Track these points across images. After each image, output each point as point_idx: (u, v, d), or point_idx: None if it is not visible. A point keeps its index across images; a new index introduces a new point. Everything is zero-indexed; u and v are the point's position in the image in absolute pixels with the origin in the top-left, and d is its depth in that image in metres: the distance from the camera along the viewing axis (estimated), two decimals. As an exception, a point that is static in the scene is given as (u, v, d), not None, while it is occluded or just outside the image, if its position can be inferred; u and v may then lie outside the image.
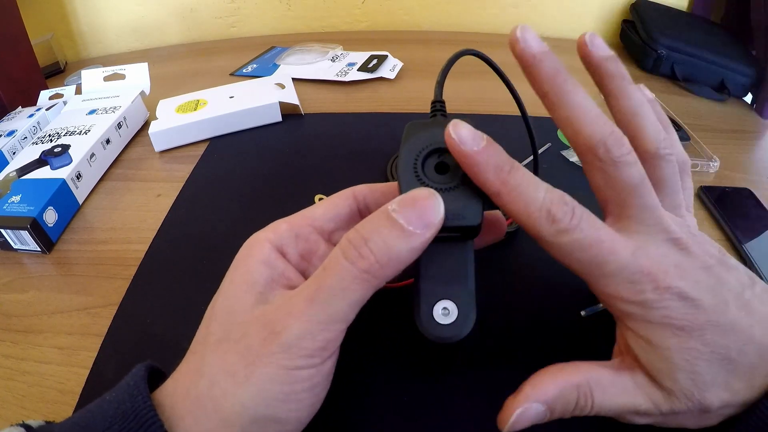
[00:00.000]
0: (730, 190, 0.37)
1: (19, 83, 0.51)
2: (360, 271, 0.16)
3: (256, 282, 0.18)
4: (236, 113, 0.46)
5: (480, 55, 0.24)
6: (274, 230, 0.20)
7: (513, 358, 0.25)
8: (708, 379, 0.17)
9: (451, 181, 0.18)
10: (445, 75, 0.23)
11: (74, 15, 0.71)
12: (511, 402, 0.18)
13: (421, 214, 0.16)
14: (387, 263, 0.16)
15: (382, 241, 0.16)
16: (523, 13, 0.72)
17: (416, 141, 0.19)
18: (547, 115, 0.20)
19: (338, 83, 0.56)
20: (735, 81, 0.54)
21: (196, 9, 0.73)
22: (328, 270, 0.17)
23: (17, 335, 0.28)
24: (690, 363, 0.17)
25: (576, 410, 0.18)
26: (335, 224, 0.21)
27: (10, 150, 0.41)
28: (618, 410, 0.18)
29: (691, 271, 0.18)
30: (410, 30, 0.74)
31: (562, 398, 0.18)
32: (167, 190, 0.39)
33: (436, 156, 0.19)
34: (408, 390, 0.24)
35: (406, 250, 0.16)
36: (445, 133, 0.18)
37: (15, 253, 0.34)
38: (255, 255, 0.19)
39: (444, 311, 0.18)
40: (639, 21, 0.61)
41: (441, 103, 0.22)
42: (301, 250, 0.20)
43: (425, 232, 0.16)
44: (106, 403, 0.17)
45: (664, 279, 0.17)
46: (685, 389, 0.17)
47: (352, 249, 0.16)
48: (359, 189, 0.22)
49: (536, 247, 0.19)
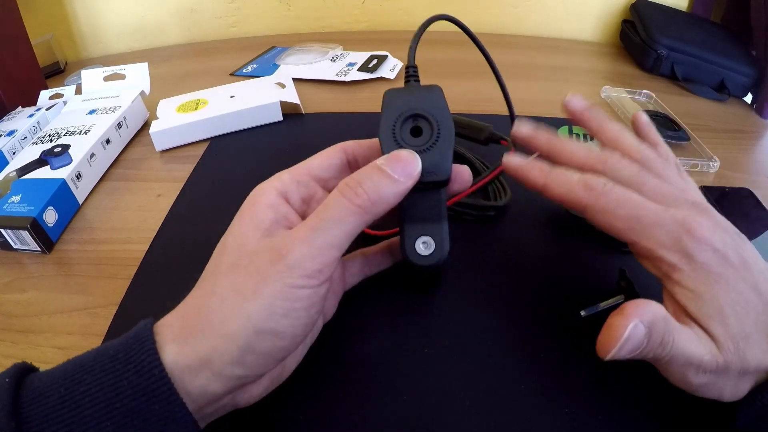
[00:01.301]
0: (729, 190, 0.37)
1: (19, 83, 0.51)
2: (355, 206, 0.20)
3: (263, 221, 0.21)
4: (237, 113, 0.46)
5: (453, 19, 0.28)
6: (279, 178, 0.23)
7: (512, 358, 0.25)
8: (749, 331, 0.19)
9: (425, 143, 0.22)
10: (417, 41, 0.26)
11: (74, 15, 0.71)
12: (617, 319, 0.18)
13: (404, 167, 0.21)
14: (377, 201, 0.20)
15: (373, 184, 0.20)
16: (523, 13, 0.72)
17: (394, 107, 0.23)
18: (547, 115, 0.20)
19: (338, 83, 0.56)
20: (735, 81, 0.54)
21: (196, 9, 0.73)
22: (328, 205, 0.20)
23: (17, 335, 0.28)
24: (734, 310, 0.19)
25: (660, 347, 0.19)
26: (329, 173, 0.25)
27: (10, 150, 0.41)
28: (688, 359, 0.19)
29: (716, 230, 0.20)
30: (410, 30, 0.73)
31: (656, 326, 0.18)
32: (167, 190, 0.39)
33: (411, 121, 0.22)
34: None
35: (392, 193, 0.20)
36: (503, 162, 0.25)
37: (15, 253, 0.34)
38: (262, 200, 0.22)
39: (424, 244, 0.23)
40: (639, 21, 0.61)
41: (413, 68, 0.26)
42: (302, 195, 0.23)
43: (407, 181, 0.21)
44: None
45: (697, 229, 0.20)
46: (734, 335, 0.19)
47: (348, 189, 0.20)
48: (348, 144, 0.25)
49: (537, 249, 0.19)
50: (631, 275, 0.27)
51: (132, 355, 0.17)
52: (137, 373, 0.17)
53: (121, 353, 0.18)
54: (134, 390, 0.17)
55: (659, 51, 0.56)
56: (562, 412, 0.22)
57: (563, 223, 0.33)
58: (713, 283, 0.19)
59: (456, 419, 0.22)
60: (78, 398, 0.16)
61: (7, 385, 0.17)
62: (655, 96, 0.51)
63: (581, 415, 0.22)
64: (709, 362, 0.19)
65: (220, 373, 0.18)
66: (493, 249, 0.31)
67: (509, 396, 0.23)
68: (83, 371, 0.17)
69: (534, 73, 0.58)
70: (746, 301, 0.19)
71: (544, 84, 0.56)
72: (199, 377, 0.18)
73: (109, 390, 0.17)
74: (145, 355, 0.17)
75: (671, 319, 0.19)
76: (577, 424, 0.22)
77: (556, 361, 0.25)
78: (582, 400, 0.23)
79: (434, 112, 0.22)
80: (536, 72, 0.58)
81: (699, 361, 0.19)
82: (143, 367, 0.17)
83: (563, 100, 0.27)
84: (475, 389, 0.24)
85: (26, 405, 0.16)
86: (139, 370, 0.17)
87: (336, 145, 0.25)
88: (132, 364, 0.17)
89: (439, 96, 0.23)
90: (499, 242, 0.32)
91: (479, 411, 0.23)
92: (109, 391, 0.17)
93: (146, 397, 0.17)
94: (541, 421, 0.22)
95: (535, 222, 0.34)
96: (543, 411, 0.23)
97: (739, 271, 0.20)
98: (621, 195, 0.21)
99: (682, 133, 0.44)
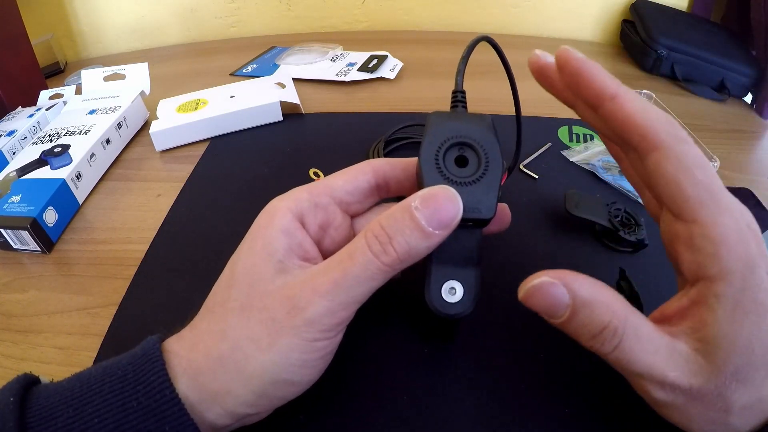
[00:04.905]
0: (730, 190, 0.37)
1: (19, 83, 0.51)
2: (383, 265, 0.18)
3: (276, 251, 0.19)
4: (237, 113, 0.46)
5: (493, 43, 0.25)
6: (296, 199, 0.21)
7: (512, 358, 0.25)
8: (754, 374, 0.16)
9: (471, 174, 0.20)
10: (465, 63, 0.23)
11: (74, 15, 0.71)
12: (540, 273, 0.18)
13: (441, 216, 0.18)
14: (406, 259, 0.18)
15: (404, 241, 0.18)
16: (523, 13, 0.71)
17: (439, 132, 0.20)
18: (547, 115, 0.20)
19: (338, 83, 0.56)
20: (735, 81, 0.54)
21: (196, 9, 0.73)
22: (355, 259, 0.18)
23: (17, 335, 0.28)
24: (753, 350, 0.16)
25: (597, 339, 0.17)
26: (354, 197, 0.22)
27: (10, 150, 0.41)
28: (644, 369, 0.17)
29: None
30: (410, 30, 0.74)
31: (589, 309, 0.17)
32: (167, 190, 0.39)
33: (457, 149, 0.20)
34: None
35: (425, 248, 0.18)
36: (561, 49, 0.19)
37: (15, 253, 0.34)
38: (276, 223, 0.20)
39: (451, 291, 0.20)
40: (639, 21, 0.61)
41: (462, 93, 0.23)
42: (320, 221, 0.22)
43: (442, 233, 0.18)
44: (119, 357, 0.19)
45: (757, 230, 0.17)
46: (734, 374, 0.16)
47: (377, 244, 0.18)
48: (378, 163, 0.23)
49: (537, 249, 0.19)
50: (631, 275, 0.27)
51: (141, 375, 0.17)
52: (147, 394, 0.17)
53: (129, 373, 0.17)
54: (144, 411, 0.16)
55: (659, 51, 0.56)
56: (562, 412, 0.22)
57: (563, 222, 0.33)
58: (752, 313, 0.16)
59: (456, 419, 0.22)
60: (86, 419, 0.16)
61: (12, 405, 0.16)
62: (655, 96, 0.51)
63: (581, 415, 0.22)
64: (676, 381, 0.17)
65: (232, 411, 0.18)
66: (492, 249, 0.31)
67: (509, 395, 0.23)
68: (91, 392, 0.17)
69: (534, 73, 0.58)
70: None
71: (544, 84, 0.56)
72: (210, 411, 0.18)
73: (118, 411, 0.16)
74: (155, 376, 0.17)
75: (632, 322, 0.17)
76: (578, 424, 0.22)
77: (557, 360, 0.25)
78: (582, 400, 0.23)
79: (484, 142, 0.20)
80: (536, 72, 0.58)
81: (662, 377, 0.17)
82: (153, 387, 0.17)
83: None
84: (474, 389, 0.24)
85: (34, 426, 0.16)
86: (149, 391, 0.17)
87: (364, 164, 0.23)
88: (141, 384, 0.17)
89: (490, 126, 0.21)
90: (499, 242, 0.32)
91: (479, 411, 0.23)
92: (117, 412, 0.16)
93: (156, 418, 0.16)
94: (541, 421, 0.22)
95: (534, 221, 0.34)
96: (543, 411, 0.23)
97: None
98: (702, 156, 0.17)
99: (682, 133, 0.44)
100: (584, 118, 0.21)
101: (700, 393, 0.17)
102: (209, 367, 0.18)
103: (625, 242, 0.31)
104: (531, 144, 0.42)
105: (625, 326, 0.17)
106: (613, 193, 0.37)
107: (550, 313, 0.18)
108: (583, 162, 0.40)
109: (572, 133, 0.44)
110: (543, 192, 0.37)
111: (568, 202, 0.32)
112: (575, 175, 0.39)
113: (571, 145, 0.43)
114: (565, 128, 0.45)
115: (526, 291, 0.18)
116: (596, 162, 0.40)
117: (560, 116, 0.46)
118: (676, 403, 0.17)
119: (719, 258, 0.16)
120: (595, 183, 0.38)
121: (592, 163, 0.40)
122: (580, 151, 0.41)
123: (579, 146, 0.42)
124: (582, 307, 0.17)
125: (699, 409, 0.17)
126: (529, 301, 0.18)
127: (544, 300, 0.17)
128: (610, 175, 0.38)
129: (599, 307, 0.17)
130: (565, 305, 0.17)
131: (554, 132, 0.44)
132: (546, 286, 0.17)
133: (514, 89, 0.27)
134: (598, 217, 0.31)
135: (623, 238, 0.30)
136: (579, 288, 0.17)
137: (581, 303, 0.17)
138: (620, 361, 0.17)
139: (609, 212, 0.32)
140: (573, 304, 0.17)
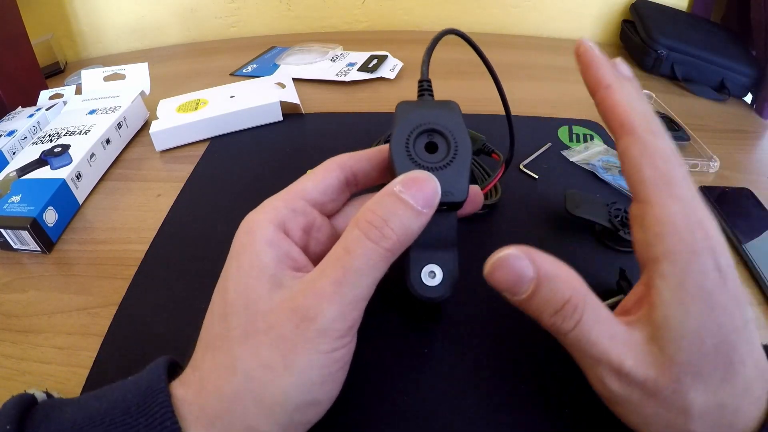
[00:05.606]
0: (730, 190, 0.37)
1: (19, 83, 0.51)
2: (385, 250, 0.17)
3: (266, 265, 0.18)
4: (237, 113, 0.46)
5: (461, 34, 0.26)
6: (273, 208, 0.20)
7: (512, 358, 0.25)
8: (708, 370, 0.16)
9: (441, 160, 0.20)
10: (430, 54, 0.24)
11: (74, 15, 0.71)
12: (504, 247, 0.18)
13: (425, 194, 0.18)
14: (404, 241, 0.18)
15: (399, 221, 0.18)
16: (524, 13, 0.72)
17: (407, 120, 0.21)
18: (547, 115, 0.20)
19: (338, 83, 0.56)
20: (735, 81, 0.54)
21: (196, 9, 0.73)
22: (353, 252, 0.17)
23: (17, 335, 0.28)
24: (702, 340, 0.16)
25: (557, 316, 0.17)
26: (327, 196, 0.22)
27: (10, 150, 0.41)
28: (602, 354, 0.17)
29: (724, 246, 0.17)
30: (410, 30, 0.74)
31: (552, 285, 0.17)
32: (167, 190, 0.39)
33: (426, 136, 0.21)
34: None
35: (418, 227, 0.18)
36: (579, 41, 0.21)
37: (15, 253, 0.34)
38: (259, 237, 0.19)
39: (431, 274, 0.21)
40: (639, 21, 0.61)
41: (427, 82, 0.24)
42: (301, 225, 0.21)
43: (429, 211, 0.18)
44: (122, 393, 0.17)
45: (712, 232, 0.17)
46: (684, 365, 0.16)
47: (373, 229, 0.17)
48: (342, 159, 0.22)
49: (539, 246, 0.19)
50: (631, 275, 0.27)
51: (145, 408, 0.16)
52: (148, 426, 0.16)
53: (133, 407, 0.16)
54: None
55: (659, 51, 0.56)
56: (562, 412, 0.22)
57: (563, 222, 0.33)
58: (705, 298, 0.16)
59: (456, 419, 0.22)
60: None
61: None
62: (655, 96, 0.51)
63: (581, 415, 0.22)
64: (631, 371, 0.16)
65: None
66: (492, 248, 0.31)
67: (509, 396, 0.23)
68: (92, 424, 0.16)
69: (534, 73, 0.58)
70: (723, 337, 0.16)
71: (544, 84, 0.56)
72: None
73: None
74: (159, 408, 0.16)
75: (592, 303, 0.17)
76: (578, 424, 0.22)
77: (556, 360, 0.25)
78: (582, 400, 0.23)
79: (451, 128, 0.21)
80: (536, 72, 0.58)
81: (618, 365, 0.17)
82: (156, 419, 0.16)
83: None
84: (474, 389, 0.24)
85: None
86: (150, 423, 0.16)
87: (330, 162, 0.22)
88: (144, 417, 0.16)
89: (456, 112, 0.21)
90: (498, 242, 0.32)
91: (479, 411, 0.23)
92: None
93: None
94: (541, 421, 0.22)
95: (534, 221, 0.34)
96: (543, 411, 0.23)
97: (733, 293, 0.16)
98: (670, 147, 0.18)
99: (682, 133, 0.44)
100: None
101: (656, 387, 0.16)
102: (225, 408, 0.16)
103: (625, 242, 0.31)
104: (531, 144, 0.42)
105: (585, 304, 0.17)
106: (613, 193, 0.37)
107: (515, 288, 0.18)
108: (583, 162, 0.40)
109: (572, 133, 0.44)
110: (543, 192, 0.37)
111: (568, 202, 0.32)
112: (575, 175, 0.39)
113: (571, 145, 0.43)
114: (565, 128, 0.45)
115: (492, 264, 0.18)
116: (596, 162, 0.40)
117: (560, 116, 0.46)
118: (632, 398, 0.17)
119: (664, 237, 0.17)
120: (595, 183, 0.38)
121: (592, 163, 0.40)
122: (580, 151, 0.41)
123: (579, 146, 0.42)
124: (545, 280, 0.17)
125: (655, 409, 0.17)
126: (495, 275, 0.18)
127: (510, 273, 0.18)
128: (610, 175, 0.38)
129: (561, 282, 0.17)
130: (530, 278, 0.17)
131: (554, 132, 0.44)
132: (512, 259, 0.18)
133: (494, 76, 0.28)
134: (598, 217, 0.31)
135: (623, 238, 0.30)
136: (542, 262, 0.18)
137: (545, 276, 0.17)
138: (579, 342, 0.17)
139: (609, 212, 0.32)
140: (537, 278, 0.17)
